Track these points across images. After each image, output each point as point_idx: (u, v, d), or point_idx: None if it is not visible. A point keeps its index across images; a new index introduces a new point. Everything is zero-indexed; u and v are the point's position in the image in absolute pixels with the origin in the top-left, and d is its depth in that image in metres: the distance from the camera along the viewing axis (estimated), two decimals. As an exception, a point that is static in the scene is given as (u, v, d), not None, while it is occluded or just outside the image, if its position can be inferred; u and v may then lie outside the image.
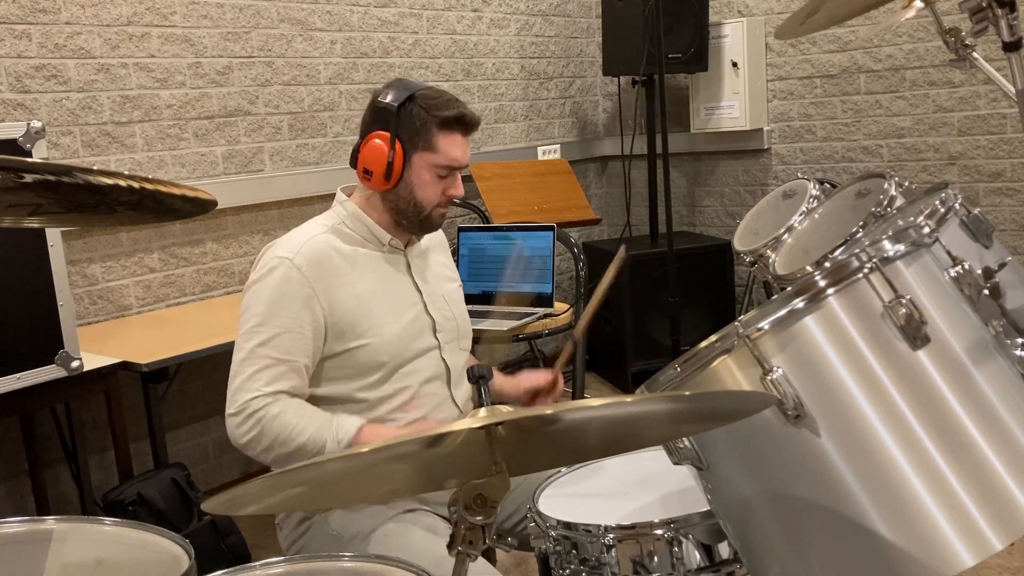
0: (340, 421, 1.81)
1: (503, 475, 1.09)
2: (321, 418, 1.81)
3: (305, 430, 1.78)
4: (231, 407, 1.80)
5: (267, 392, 1.79)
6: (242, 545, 2.68)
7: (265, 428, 1.77)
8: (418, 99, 1.88)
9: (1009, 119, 4.14)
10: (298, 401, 1.83)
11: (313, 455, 1.76)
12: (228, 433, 1.81)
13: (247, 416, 1.78)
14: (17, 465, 2.95)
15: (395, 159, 1.87)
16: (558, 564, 1.57)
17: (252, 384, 1.79)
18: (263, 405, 1.78)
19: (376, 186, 1.91)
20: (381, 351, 1.88)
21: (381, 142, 1.88)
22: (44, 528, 1.49)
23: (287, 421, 1.78)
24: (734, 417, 1.28)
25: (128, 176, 1.04)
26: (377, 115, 1.90)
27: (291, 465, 1.75)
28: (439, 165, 1.89)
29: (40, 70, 2.95)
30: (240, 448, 1.81)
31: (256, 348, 1.81)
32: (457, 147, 1.91)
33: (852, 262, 1.26)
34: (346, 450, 1.72)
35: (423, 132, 1.88)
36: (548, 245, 3.38)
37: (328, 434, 1.78)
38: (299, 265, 1.83)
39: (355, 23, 3.88)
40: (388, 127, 1.88)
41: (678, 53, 4.41)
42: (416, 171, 1.90)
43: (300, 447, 1.77)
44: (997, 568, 2.70)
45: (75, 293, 3.03)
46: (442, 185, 1.92)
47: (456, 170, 1.93)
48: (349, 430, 1.80)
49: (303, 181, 3.65)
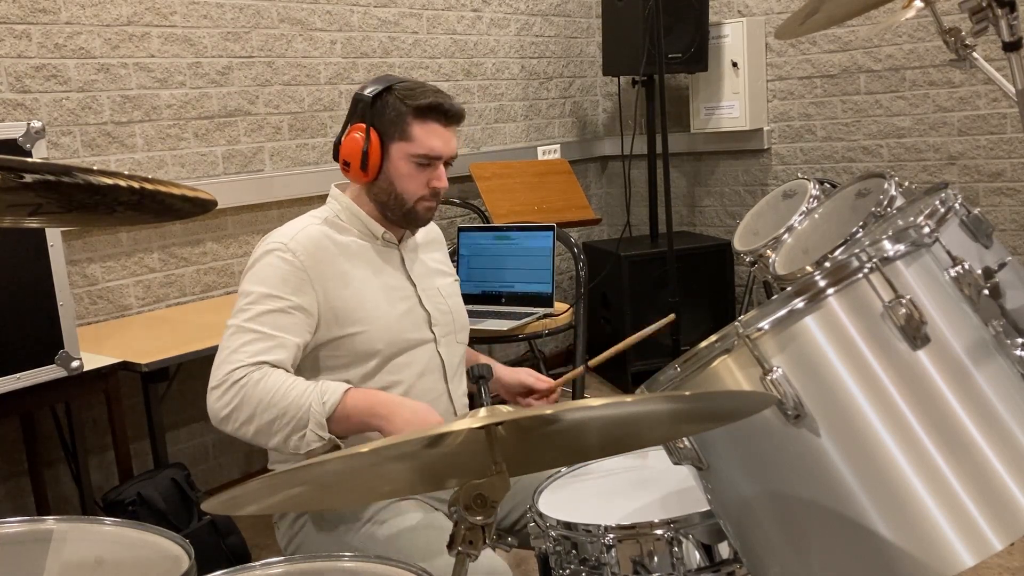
0: (326, 384, 1.75)
1: (503, 475, 1.09)
2: (305, 383, 1.74)
3: (287, 394, 1.71)
4: (213, 380, 1.74)
5: (249, 362, 1.73)
6: (242, 545, 2.68)
7: (247, 395, 1.70)
8: (395, 90, 1.89)
9: (1009, 119, 4.14)
10: (281, 370, 1.76)
11: (297, 419, 1.70)
12: (208, 409, 1.74)
13: (229, 386, 1.72)
14: (17, 465, 2.95)
15: (371, 149, 1.87)
16: (558, 564, 1.57)
17: (236, 356, 1.74)
18: (245, 374, 1.72)
19: (356, 178, 1.91)
20: (376, 339, 1.86)
21: (359, 134, 1.88)
22: (44, 528, 1.49)
23: (269, 386, 1.71)
24: (734, 417, 1.28)
25: (128, 176, 1.04)
26: (355, 107, 1.91)
27: (275, 438, 1.75)
28: (416, 155, 1.88)
29: (40, 70, 2.95)
30: (219, 424, 1.74)
31: (245, 322, 1.78)
32: (436, 136, 1.89)
33: (852, 262, 1.26)
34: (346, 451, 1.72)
35: (399, 122, 1.87)
36: (548, 245, 3.38)
37: (313, 396, 1.72)
38: (294, 250, 1.83)
39: (355, 23, 3.88)
40: (364, 118, 1.88)
41: (678, 53, 4.41)
42: (395, 162, 1.89)
43: (283, 411, 1.70)
44: (997, 568, 2.70)
45: (75, 293, 3.03)
46: (424, 177, 1.90)
47: (437, 160, 1.90)
48: (336, 392, 1.73)
49: (303, 181, 3.65)
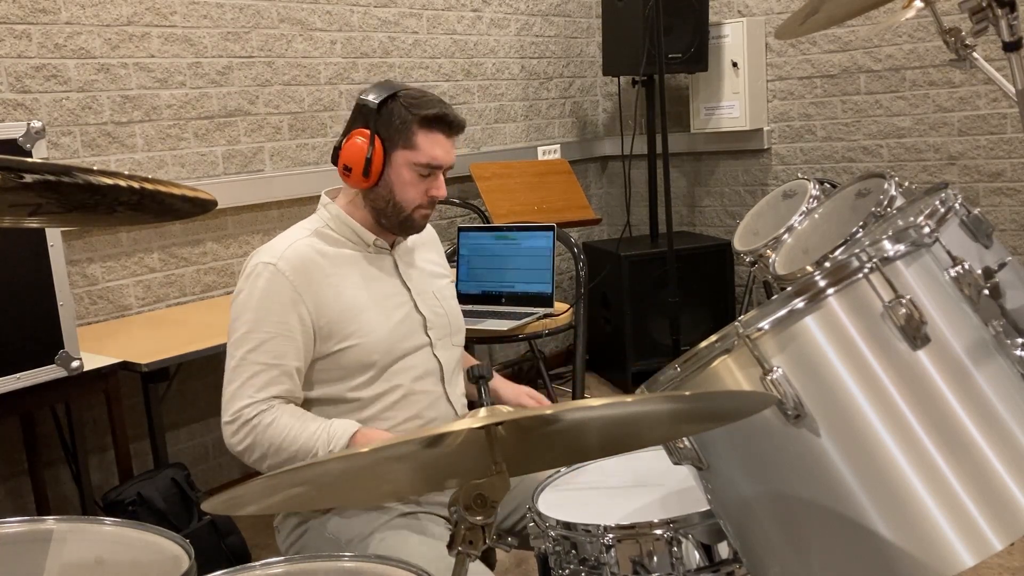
0: (333, 429, 1.80)
1: (503, 475, 1.09)
2: (314, 426, 1.80)
3: (297, 439, 1.78)
4: (226, 415, 1.82)
5: (260, 399, 1.80)
6: (242, 545, 2.68)
7: (258, 438, 1.78)
8: (400, 97, 1.88)
9: (1009, 119, 4.14)
10: (291, 407, 1.83)
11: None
12: (224, 440, 1.83)
13: (241, 424, 1.79)
14: (17, 465, 2.95)
15: (374, 156, 1.86)
16: (557, 564, 1.57)
17: (245, 391, 1.80)
18: (256, 413, 1.79)
19: (356, 184, 1.90)
20: (371, 351, 1.87)
21: (362, 139, 1.87)
22: (44, 528, 1.49)
23: (279, 430, 1.78)
24: (734, 417, 1.28)
25: (128, 176, 1.04)
26: (359, 113, 1.90)
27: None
28: (420, 164, 1.88)
29: (40, 70, 2.95)
30: (236, 455, 1.83)
31: (247, 355, 1.81)
32: (439, 146, 1.89)
33: (852, 262, 1.26)
34: (345, 451, 1.72)
35: (404, 130, 1.87)
36: (548, 245, 3.37)
37: (320, 442, 1.78)
38: (283, 270, 1.84)
39: (355, 23, 3.88)
40: (369, 124, 1.88)
41: (678, 53, 4.40)
42: (396, 169, 1.89)
43: (292, 455, 1.78)
44: (997, 568, 2.70)
45: (75, 293, 3.03)
46: (424, 185, 1.91)
47: (438, 170, 1.91)
48: (342, 438, 1.79)
49: (303, 181, 3.65)
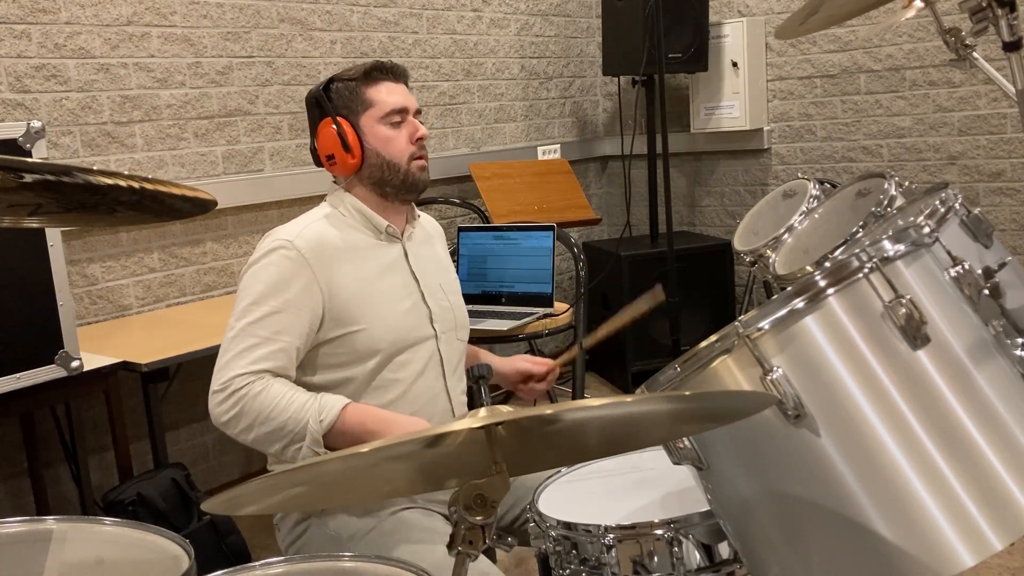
0: (323, 400, 1.79)
1: (503, 475, 1.09)
2: (304, 397, 1.78)
3: (287, 409, 1.75)
4: (215, 384, 1.78)
5: (251, 371, 1.77)
6: (242, 545, 2.68)
7: (246, 407, 1.75)
8: (337, 77, 1.96)
9: (1009, 119, 4.14)
10: (282, 380, 1.80)
11: (294, 434, 1.75)
12: (209, 411, 1.79)
13: (229, 394, 1.76)
14: (17, 465, 2.95)
15: (347, 133, 1.91)
16: (558, 564, 1.57)
17: (238, 362, 1.78)
18: (246, 383, 1.76)
19: (345, 167, 1.94)
20: (378, 338, 1.87)
21: (328, 127, 1.92)
22: (44, 528, 1.49)
23: (268, 400, 1.75)
24: (734, 417, 1.28)
25: (128, 176, 1.04)
26: (314, 108, 1.97)
27: (273, 446, 1.78)
28: (385, 114, 1.93)
29: (40, 70, 2.95)
30: (220, 427, 1.79)
31: (247, 326, 1.80)
32: (392, 93, 1.95)
33: (852, 262, 1.26)
34: (345, 452, 1.71)
35: (355, 96, 1.93)
36: (548, 245, 3.37)
37: (310, 413, 1.76)
38: (300, 247, 1.84)
39: (355, 23, 3.88)
40: (326, 112, 1.94)
41: (678, 53, 4.40)
42: (371, 132, 1.93)
43: (281, 425, 1.75)
44: (997, 568, 2.70)
45: (75, 293, 3.03)
46: (403, 133, 1.94)
47: (406, 114, 1.95)
48: (333, 409, 1.77)
49: (303, 181, 3.65)
